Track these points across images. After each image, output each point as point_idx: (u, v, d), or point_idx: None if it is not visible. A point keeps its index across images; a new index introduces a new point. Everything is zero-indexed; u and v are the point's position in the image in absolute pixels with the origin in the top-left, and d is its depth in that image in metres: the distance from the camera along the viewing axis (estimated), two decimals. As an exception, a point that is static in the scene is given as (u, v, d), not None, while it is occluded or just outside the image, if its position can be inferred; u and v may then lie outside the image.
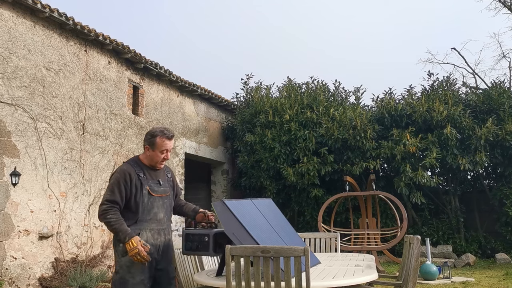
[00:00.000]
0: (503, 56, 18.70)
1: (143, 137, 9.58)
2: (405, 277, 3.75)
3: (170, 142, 3.34)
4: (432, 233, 11.11)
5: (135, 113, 9.58)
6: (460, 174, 11.12)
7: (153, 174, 3.33)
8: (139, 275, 3.13)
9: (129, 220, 3.17)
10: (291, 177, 10.81)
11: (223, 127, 13.02)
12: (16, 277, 6.72)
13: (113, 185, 3.18)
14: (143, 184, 3.22)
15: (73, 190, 7.87)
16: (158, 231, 3.28)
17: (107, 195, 3.16)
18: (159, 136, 3.29)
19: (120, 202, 3.15)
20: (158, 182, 3.33)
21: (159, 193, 3.31)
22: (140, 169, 3.27)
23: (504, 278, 8.00)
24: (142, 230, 3.20)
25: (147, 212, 3.22)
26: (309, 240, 5.08)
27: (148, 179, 3.27)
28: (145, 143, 3.34)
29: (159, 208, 3.29)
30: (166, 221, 3.35)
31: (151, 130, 3.38)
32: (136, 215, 3.19)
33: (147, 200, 3.23)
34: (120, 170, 3.25)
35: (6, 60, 6.89)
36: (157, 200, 3.29)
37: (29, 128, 7.17)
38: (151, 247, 3.19)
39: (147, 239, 3.20)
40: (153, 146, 3.29)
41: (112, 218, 3.10)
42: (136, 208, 3.19)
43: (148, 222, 3.23)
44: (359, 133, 10.75)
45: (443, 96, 11.06)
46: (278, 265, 2.66)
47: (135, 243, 3.05)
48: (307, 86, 12.75)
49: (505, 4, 17.28)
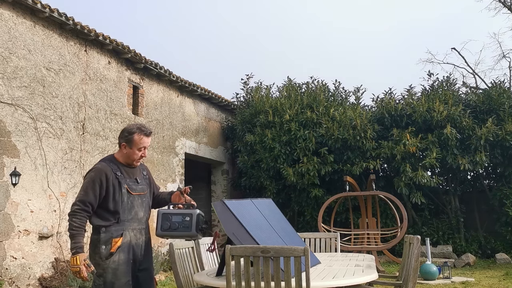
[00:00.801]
0: (503, 56, 18.72)
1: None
2: (405, 277, 3.75)
3: (148, 139, 3.21)
4: (432, 233, 11.11)
5: (135, 113, 9.58)
6: (460, 174, 11.12)
7: (130, 172, 3.22)
8: (125, 277, 3.06)
9: (109, 220, 3.08)
10: (291, 177, 10.81)
11: (223, 127, 13.02)
12: (16, 277, 6.72)
13: (87, 184, 3.06)
14: (121, 183, 3.12)
15: (73, 190, 7.87)
16: (139, 231, 3.19)
17: (80, 194, 3.07)
18: (137, 133, 3.17)
19: (93, 203, 3.05)
20: (136, 180, 3.23)
21: (137, 192, 3.21)
22: (116, 168, 3.15)
23: (504, 278, 8.00)
24: (125, 230, 3.11)
25: (128, 212, 3.13)
26: (309, 240, 5.08)
27: (125, 178, 3.17)
28: (121, 140, 3.20)
29: (139, 207, 3.20)
30: (146, 220, 3.26)
31: (127, 127, 3.24)
32: (115, 214, 3.09)
33: (127, 199, 3.13)
34: (96, 169, 3.12)
35: (6, 60, 6.89)
36: (137, 199, 3.19)
37: (29, 128, 7.17)
38: (136, 247, 3.13)
39: (130, 239, 3.12)
40: (130, 144, 3.16)
41: (75, 223, 3.01)
42: (115, 208, 3.08)
43: (130, 221, 3.14)
44: (359, 133, 10.75)
45: (443, 96, 11.06)
46: (278, 265, 2.66)
47: (79, 261, 2.93)
48: (307, 86, 12.75)
49: (505, 4, 17.28)
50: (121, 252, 3.07)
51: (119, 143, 3.23)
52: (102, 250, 3.05)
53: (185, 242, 3.86)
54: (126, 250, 3.10)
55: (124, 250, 3.09)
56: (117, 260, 3.05)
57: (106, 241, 3.06)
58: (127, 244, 3.11)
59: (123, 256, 3.08)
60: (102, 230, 3.08)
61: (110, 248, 3.05)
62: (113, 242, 3.06)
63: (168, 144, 10.46)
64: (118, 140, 3.24)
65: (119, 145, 3.24)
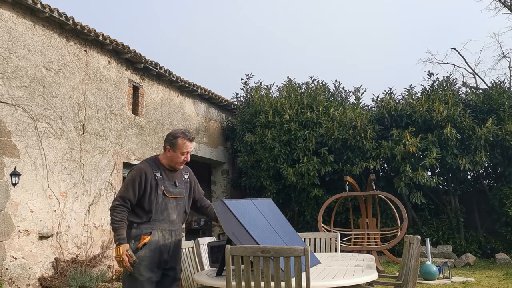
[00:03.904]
0: (503, 56, 18.70)
1: (143, 137, 9.60)
2: (405, 277, 3.75)
3: (191, 144, 3.39)
4: (432, 233, 11.11)
5: (135, 113, 9.58)
6: (460, 174, 11.12)
7: (170, 175, 3.36)
8: (147, 273, 3.18)
9: (142, 218, 3.23)
10: (291, 177, 10.81)
11: (223, 127, 13.02)
12: (16, 277, 6.72)
13: (128, 182, 3.24)
14: (158, 184, 3.26)
15: (73, 190, 7.87)
16: (169, 232, 3.31)
17: (121, 191, 3.24)
18: (181, 137, 3.33)
19: (132, 199, 3.20)
20: (174, 184, 3.36)
21: (173, 195, 3.34)
22: (157, 169, 3.31)
23: (504, 278, 8.00)
24: (154, 230, 3.24)
25: (160, 213, 3.26)
26: (309, 240, 5.08)
27: (164, 180, 3.31)
28: (166, 143, 3.37)
29: (173, 209, 3.33)
30: (178, 223, 3.38)
31: (172, 131, 3.42)
32: (149, 214, 3.23)
33: (161, 201, 3.27)
34: (137, 168, 3.30)
35: (6, 60, 6.89)
36: (171, 201, 3.33)
37: (29, 128, 7.17)
38: (163, 247, 3.24)
39: (158, 238, 3.24)
40: (174, 147, 3.32)
41: (116, 217, 3.16)
42: (149, 207, 3.22)
43: (161, 222, 3.27)
44: (359, 133, 10.75)
45: (443, 96, 11.06)
46: (278, 265, 2.66)
47: (122, 251, 3.09)
48: (307, 86, 12.75)
49: (505, 4, 17.28)
50: (147, 249, 3.20)
51: (164, 146, 3.39)
52: (131, 245, 3.18)
53: (185, 242, 3.89)
54: (152, 248, 3.21)
55: (150, 248, 3.21)
56: (142, 256, 3.18)
57: (135, 236, 3.21)
58: (154, 243, 3.23)
59: (148, 253, 3.20)
60: (134, 226, 3.23)
61: (138, 243, 3.19)
62: (142, 239, 3.20)
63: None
64: (164, 144, 3.41)
65: (163, 148, 3.40)
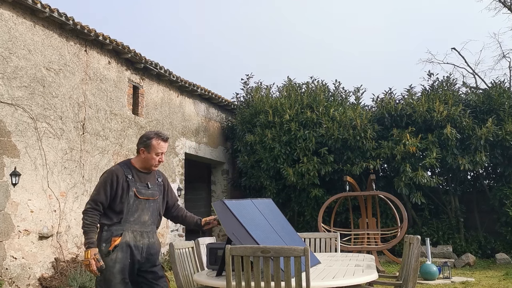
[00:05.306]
0: (503, 56, 18.68)
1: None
2: (405, 277, 3.75)
3: (165, 144, 3.42)
4: (432, 233, 11.11)
5: (135, 113, 9.58)
6: (460, 174, 11.12)
7: (142, 177, 3.38)
8: (120, 274, 3.19)
9: (112, 220, 3.25)
10: (291, 177, 10.81)
11: (223, 127, 13.01)
12: (16, 277, 6.72)
13: (100, 185, 3.27)
14: (130, 186, 3.28)
15: (73, 190, 7.87)
16: (141, 233, 3.32)
17: (93, 194, 3.27)
18: (155, 138, 3.36)
19: (104, 202, 3.23)
20: (147, 185, 3.37)
21: (146, 196, 3.35)
22: (129, 171, 3.33)
23: (504, 278, 8.00)
24: (125, 231, 3.25)
25: (131, 214, 3.28)
26: (309, 240, 5.07)
27: (135, 182, 3.32)
28: (140, 145, 3.38)
29: (144, 211, 3.34)
30: (151, 224, 3.39)
31: (146, 133, 3.44)
32: (119, 215, 3.25)
33: (132, 202, 3.28)
34: (109, 171, 3.34)
35: (6, 60, 6.89)
36: (143, 203, 3.33)
37: (29, 128, 7.17)
38: (135, 249, 3.25)
39: (129, 239, 3.25)
40: (149, 148, 3.34)
41: (87, 220, 3.18)
42: (120, 209, 3.25)
43: (131, 223, 3.28)
44: (359, 133, 10.75)
45: (443, 96, 11.05)
46: (278, 265, 2.66)
47: (90, 255, 3.11)
48: (307, 86, 12.74)
49: (505, 4, 17.27)
50: (119, 251, 3.21)
51: (138, 149, 3.41)
52: (102, 248, 3.21)
53: (185, 242, 3.88)
54: (124, 249, 3.23)
55: (122, 249, 3.22)
56: (114, 258, 3.20)
57: (106, 239, 3.23)
58: (125, 244, 3.24)
59: (120, 255, 3.21)
60: (104, 229, 3.26)
61: (109, 246, 3.21)
62: (112, 241, 3.22)
63: (168, 144, 10.45)
64: (137, 146, 3.42)
65: (137, 151, 3.43)
